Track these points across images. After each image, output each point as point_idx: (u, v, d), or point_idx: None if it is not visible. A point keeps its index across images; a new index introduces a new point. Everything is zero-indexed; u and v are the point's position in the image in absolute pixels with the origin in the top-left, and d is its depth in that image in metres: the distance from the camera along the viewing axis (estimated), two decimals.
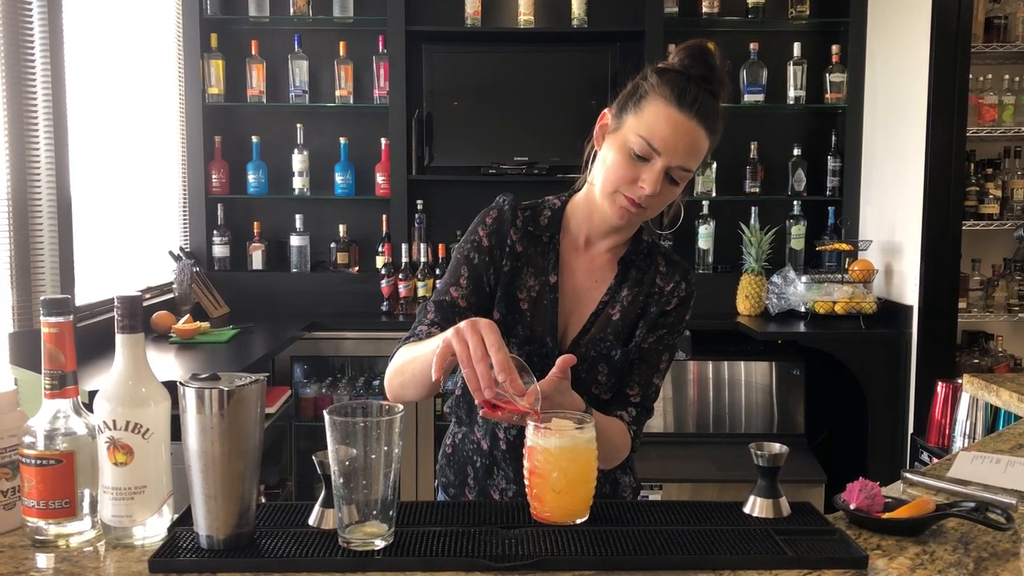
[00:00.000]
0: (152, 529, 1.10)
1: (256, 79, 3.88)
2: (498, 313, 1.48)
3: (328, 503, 1.12)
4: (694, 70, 1.39)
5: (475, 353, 1.14)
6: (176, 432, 1.08)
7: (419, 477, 3.58)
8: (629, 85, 1.44)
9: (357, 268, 3.99)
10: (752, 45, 3.89)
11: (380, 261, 3.88)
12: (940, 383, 2.94)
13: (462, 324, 1.17)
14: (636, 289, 1.52)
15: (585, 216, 1.51)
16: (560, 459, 1.15)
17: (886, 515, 1.17)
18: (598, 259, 1.53)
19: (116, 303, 1.09)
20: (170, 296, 3.58)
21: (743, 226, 3.82)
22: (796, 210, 3.97)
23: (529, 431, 1.17)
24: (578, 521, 1.16)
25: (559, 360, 1.26)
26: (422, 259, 3.85)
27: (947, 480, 1.39)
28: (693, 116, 1.36)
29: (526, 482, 1.18)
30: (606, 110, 1.47)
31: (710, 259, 3.96)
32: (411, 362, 1.35)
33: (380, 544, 1.07)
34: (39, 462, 1.09)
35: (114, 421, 1.08)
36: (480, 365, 1.14)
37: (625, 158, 1.38)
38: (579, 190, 1.55)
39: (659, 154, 1.36)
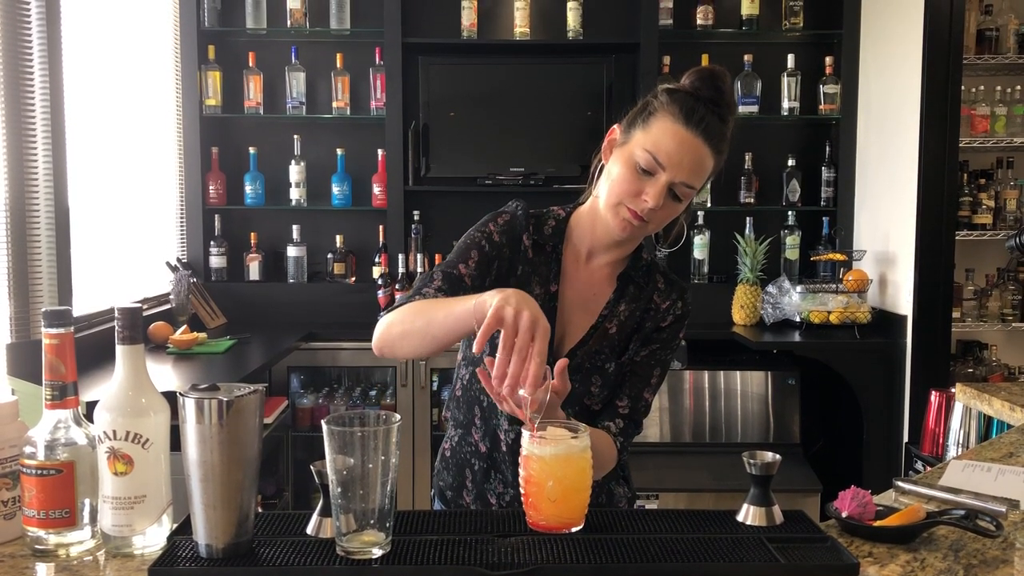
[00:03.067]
0: (152, 538, 1.11)
1: (253, 90, 3.89)
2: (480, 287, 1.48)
3: (326, 512, 1.13)
4: (704, 92, 1.42)
5: (521, 350, 1.14)
6: (175, 442, 1.09)
7: (416, 486, 3.59)
8: (639, 102, 1.47)
9: (354, 279, 4.00)
10: (746, 57, 3.91)
11: (377, 271, 3.90)
12: (934, 392, 2.95)
13: (524, 308, 1.15)
14: (633, 305, 1.54)
15: (588, 228, 1.53)
16: (555, 467, 1.16)
17: (877, 523, 1.18)
18: (598, 272, 1.55)
19: (116, 314, 1.10)
20: (167, 307, 3.58)
21: (738, 236, 3.84)
22: (791, 220, 3.99)
23: (524, 440, 1.19)
24: (574, 530, 1.18)
25: (557, 365, 1.26)
26: (419, 269, 3.86)
27: (938, 488, 1.40)
28: (699, 134, 1.39)
29: (522, 491, 1.19)
30: (615, 126, 1.49)
31: (705, 269, 3.98)
32: (428, 311, 1.32)
33: (377, 553, 1.08)
34: (39, 472, 1.09)
35: (114, 431, 1.09)
36: (518, 364, 1.14)
37: (631, 172, 1.41)
38: (584, 203, 1.57)
39: (664, 169, 1.39)
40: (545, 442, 1.17)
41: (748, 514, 1.20)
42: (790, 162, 3.99)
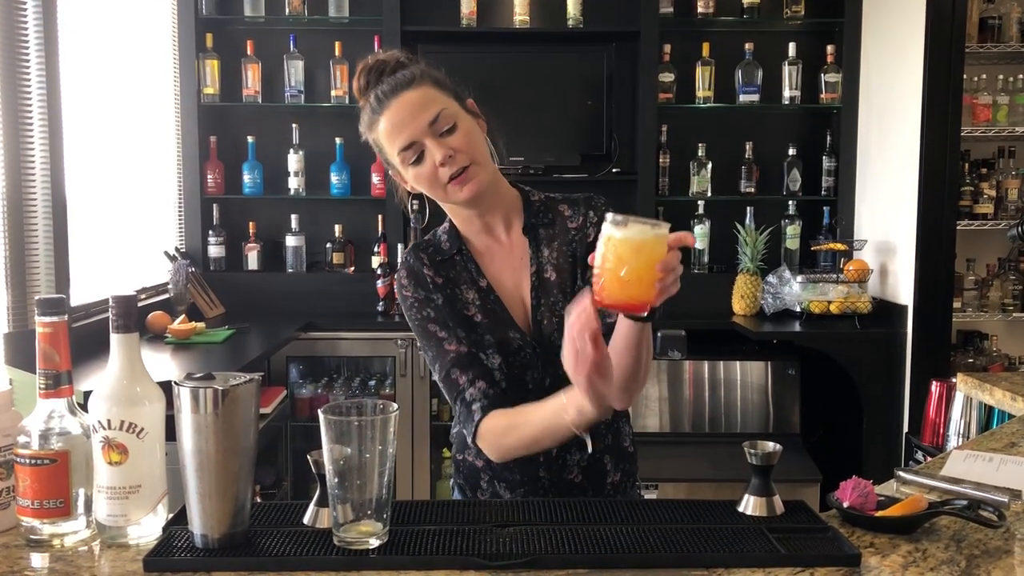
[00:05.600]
0: (147, 528, 1.11)
1: (252, 79, 3.87)
2: (466, 340, 1.50)
3: (323, 502, 1.12)
4: (377, 77, 1.50)
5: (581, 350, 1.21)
6: (171, 431, 1.08)
7: (415, 476, 3.58)
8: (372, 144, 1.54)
9: (353, 268, 3.99)
10: (747, 45, 3.89)
11: (376, 261, 3.88)
12: (934, 382, 2.95)
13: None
14: (555, 243, 1.53)
15: (464, 220, 1.55)
16: (627, 249, 1.13)
17: (879, 513, 1.17)
18: (508, 242, 1.56)
19: (111, 303, 1.10)
20: (166, 296, 3.57)
21: (738, 226, 3.82)
22: (791, 210, 3.97)
23: (606, 223, 1.16)
24: (644, 313, 1.17)
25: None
26: None
27: (940, 478, 1.39)
28: (391, 96, 1.45)
29: (596, 272, 1.17)
30: (391, 173, 1.55)
31: (705, 259, 3.96)
32: (524, 431, 1.39)
33: (375, 543, 1.07)
34: (34, 462, 1.09)
35: (109, 421, 1.08)
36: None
37: (416, 172, 1.45)
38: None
39: (414, 142, 1.43)
40: (623, 226, 1.14)
41: (749, 504, 1.20)
42: (791, 151, 3.97)
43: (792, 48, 3.90)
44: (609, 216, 1.15)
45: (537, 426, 1.37)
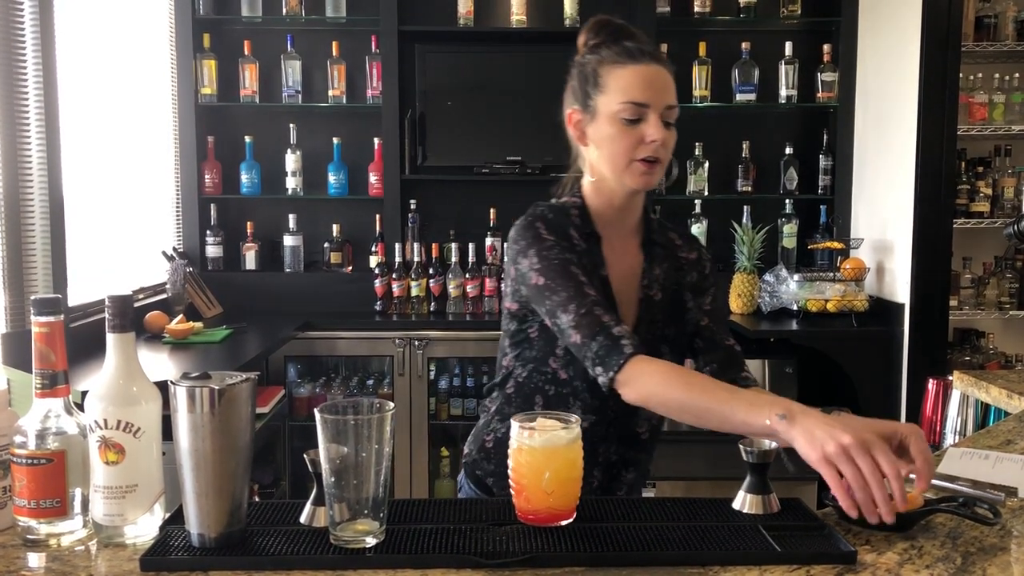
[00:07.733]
0: (143, 528, 1.11)
1: (249, 79, 3.87)
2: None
3: (319, 501, 1.12)
4: (614, 35, 1.53)
5: (872, 477, 1.07)
6: (168, 431, 1.08)
7: (413, 475, 3.58)
8: (573, 80, 1.57)
9: (351, 268, 3.99)
10: (744, 44, 3.90)
11: (374, 261, 3.89)
12: (931, 380, 2.94)
13: (850, 444, 1.08)
14: (665, 265, 1.58)
15: (606, 205, 1.55)
16: (544, 459, 1.14)
17: None
18: (626, 246, 1.57)
19: (107, 302, 1.10)
20: (163, 296, 3.57)
21: (735, 225, 3.82)
22: (788, 209, 3.98)
23: (514, 431, 1.17)
24: (564, 523, 1.16)
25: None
26: (415, 259, 3.85)
27: (936, 476, 1.39)
28: (650, 61, 1.47)
29: (512, 484, 1.17)
30: (569, 111, 1.58)
31: None
32: (707, 398, 1.28)
33: (371, 541, 1.07)
34: (30, 461, 1.09)
35: (105, 420, 1.08)
36: (879, 491, 1.07)
37: (620, 130, 1.46)
38: (562, 194, 1.62)
39: (648, 105, 1.45)
40: (534, 433, 1.15)
41: (744, 502, 1.20)
42: (788, 150, 3.98)
43: (789, 47, 3.90)
44: (516, 424, 1.16)
45: (718, 398, 1.26)
